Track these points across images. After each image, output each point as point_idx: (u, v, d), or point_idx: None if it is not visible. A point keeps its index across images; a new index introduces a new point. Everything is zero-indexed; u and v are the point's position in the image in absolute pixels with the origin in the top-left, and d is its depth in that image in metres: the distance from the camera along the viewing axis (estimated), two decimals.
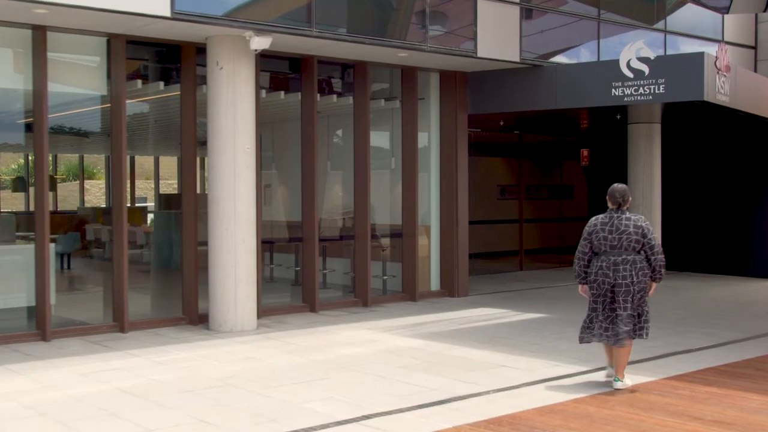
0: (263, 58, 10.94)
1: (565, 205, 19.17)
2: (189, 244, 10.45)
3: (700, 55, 11.28)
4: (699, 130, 16.15)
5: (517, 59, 12.11)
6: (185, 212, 10.52)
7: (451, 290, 13.07)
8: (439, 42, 11.24)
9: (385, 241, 13.33)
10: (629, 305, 7.03)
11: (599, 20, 13.24)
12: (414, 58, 11.67)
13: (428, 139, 13.23)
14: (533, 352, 8.77)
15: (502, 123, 15.03)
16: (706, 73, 11.21)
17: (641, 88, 11.50)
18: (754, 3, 15.62)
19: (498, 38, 11.90)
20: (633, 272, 6.99)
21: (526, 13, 12.28)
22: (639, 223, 7.05)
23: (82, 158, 25.58)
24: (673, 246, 15.92)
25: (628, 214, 7.10)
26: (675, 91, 11.32)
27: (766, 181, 15.89)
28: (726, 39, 15.27)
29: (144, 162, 25.44)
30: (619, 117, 13.72)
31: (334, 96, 12.56)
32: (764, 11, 15.78)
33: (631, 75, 11.55)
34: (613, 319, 7.10)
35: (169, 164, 23.69)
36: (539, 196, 18.67)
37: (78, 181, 27.27)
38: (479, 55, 11.63)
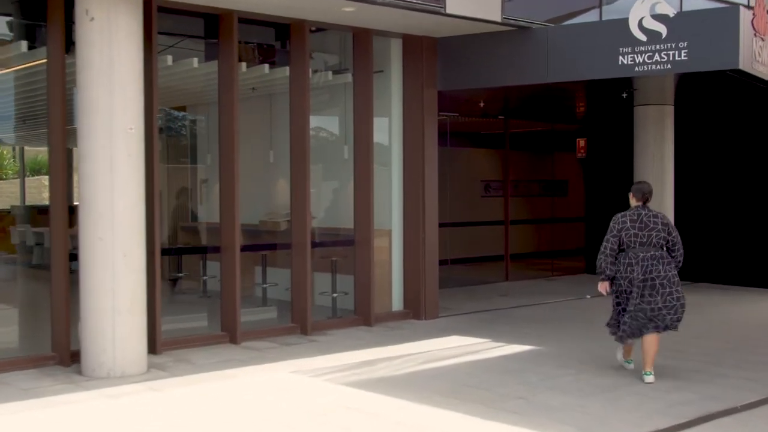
0: (166, 13, 8.35)
1: (558, 204, 16.60)
2: (58, 260, 7.81)
3: (734, 11, 8.68)
4: (717, 113, 13.57)
5: (498, 19, 9.49)
6: (53, 219, 7.85)
7: (417, 311, 10.47)
8: None
9: (335, 250, 10.73)
10: (659, 298, 7.17)
11: None
12: (365, 14, 9.05)
13: (389, 122, 10.62)
14: (514, 414, 6.18)
15: (482, 104, 12.41)
16: (742, 34, 8.63)
17: (657, 55, 8.91)
18: None
19: None
20: (662, 266, 7.16)
21: None
22: (665, 221, 7.32)
23: (22, 150, 23.02)
24: (686, 252, 13.34)
25: (654, 211, 7.38)
26: (701, 58, 8.73)
27: None
28: None
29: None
30: (625, 95, 11.11)
31: (266, 66, 9.94)
32: None
33: (643, 38, 8.96)
34: (638, 312, 7.18)
35: None
36: (528, 192, 16.12)
37: (39, 177, 24.72)
38: (449, 11, 9.00)
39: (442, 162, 11.61)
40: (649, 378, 7.19)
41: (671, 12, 8.86)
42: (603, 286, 7.33)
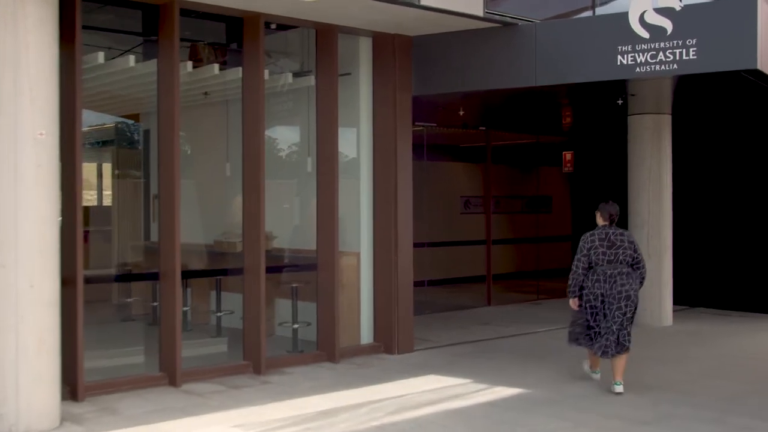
0: (95, 2, 7.17)
1: (542, 221, 15.50)
2: None
3: (750, 2, 7.57)
4: (718, 123, 12.49)
5: (480, 13, 8.34)
6: None
7: (389, 344, 9.25)
8: None
9: (296, 275, 9.52)
10: (628, 315, 7.41)
11: None
12: (328, 7, 7.86)
13: (357, 131, 9.43)
14: None
15: (462, 113, 11.24)
16: (760, 29, 7.52)
17: (661, 54, 7.78)
18: None
19: None
20: (629, 284, 7.39)
21: None
22: (631, 239, 7.60)
23: None
24: (684, 275, 12.24)
25: (620, 230, 7.62)
26: (712, 57, 7.61)
27: None
28: None
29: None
30: (621, 102, 9.97)
31: (215, 67, 8.73)
32: None
33: (646, 35, 7.84)
34: (609, 329, 7.37)
35: (88, 171, 19.96)
36: (511, 209, 15.01)
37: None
38: (424, 2, 7.83)
39: (418, 176, 10.55)
40: (619, 388, 7.38)
41: (677, 5, 7.74)
42: (574, 303, 7.61)
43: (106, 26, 8.41)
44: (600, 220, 7.67)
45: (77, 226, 6.95)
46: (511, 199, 15.08)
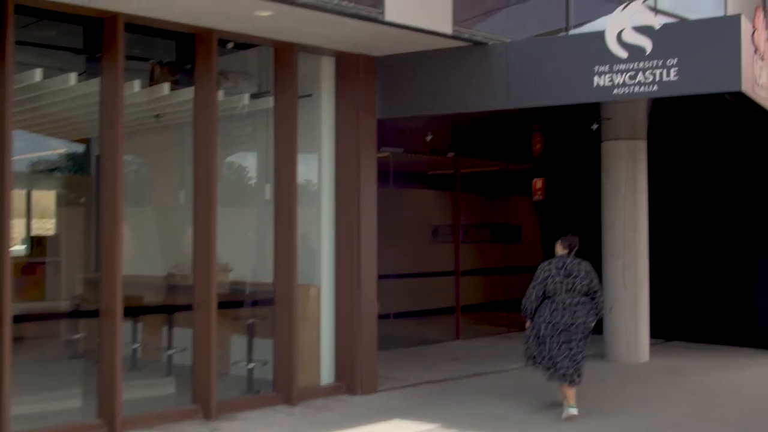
0: (30, 15, 6.58)
1: (513, 251, 15.00)
2: None
3: (734, 21, 7.16)
4: (695, 149, 12.09)
5: (448, 31, 7.84)
6: None
7: (351, 384, 8.64)
8: None
9: (253, 310, 8.90)
10: (582, 343, 7.54)
11: None
12: (285, 22, 7.32)
13: (318, 157, 8.87)
14: None
15: (429, 138, 10.73)
16: (743, 50, 7.11)
17: (640, 75, 7.34)
18: None
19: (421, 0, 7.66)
20: (585, 314, 7.51)
21: None
22: (588, 269, 7.66)
23: None
24: (659, 307, 11.74)
25: (578, 260, 7.69)
26: (694, 78, 7.18)
27: None
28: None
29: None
30: (596, 127, 9.51)
31: (165, 86, 8.14)
32: None
33: (624, 54, 7.40)
34: (566, 358, 7.45)
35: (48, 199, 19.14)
36: (481, 238, 14.50)
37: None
38: (388, 18, 7.30)
39: (385, 204, 10.07)
40: (574, 410, 7.48)
41: (657, 23, 7.32)
42: (528, 324, 7.81)
43: (47, 42, 7.79)
44: (559, 250, 7.79)
45: (4, 259, 6.29)
46: (481, 228, 14.60)
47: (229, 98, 8.57)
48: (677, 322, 12.50)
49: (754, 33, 7.42)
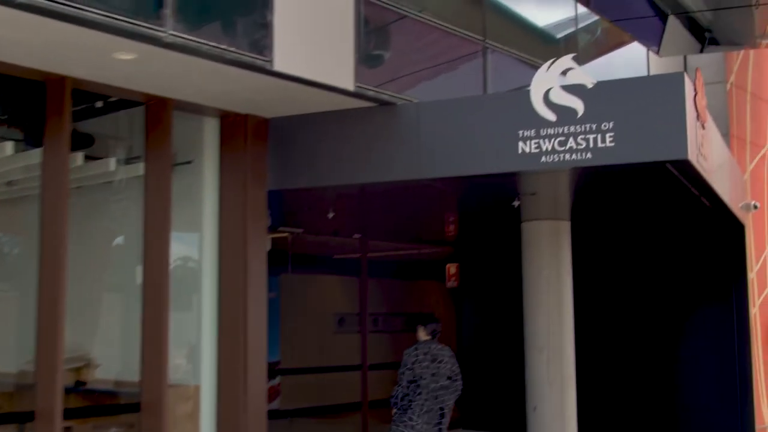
0: None
1: None
2: None
3: (677, 79, 6.26)
4: (623, 230, 11.26)
5: (350, 87, 6.72)
6: None
7: None
8: (195, 31, 5.64)
9: (114, 418, 7.42)
10: (445, 426, 7.85)
11: (484, 43, 8.12)
12: (154, 70, 6.08)
13: (199, 234, 7.56)
14: None
15: (332, 215, 9.54)
16: (688, 114, 6.20)
17: (572, 140, 6.35)
18: (686, 44, 11.05)
19: (317, 48, 6.52)
20: (449, 397, 7.87)
21: (368, 13, 6.97)
22: (450, 353, 8.06)
23: None
24: (585, 406, 10.63)
25: (441, 345, 8.06)
26: (633, 144, 6.23)
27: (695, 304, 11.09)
28: None
29: None
30: (517, 204, 8.47)
31: (8, 145, 6.75)
32: (701, 52, 11.24)
33: (552, 117, 6.42)
34: None
35: None
36: (391, 328, 13.34)
37: None
38: (278, 68, 6.12)
39: (283, 291, 8.84)
40: None
41: (589, 81, 6.37)
42: (394, 411, 7.92)
43: None
44: (422, 335, 8.04)
45: None
46: (391, 317, 13.44)
47: (91, 163, 7.23)
48: (605, 421, 11.41)
49: (696, 96, 6.54)
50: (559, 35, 9.70)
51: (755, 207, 11.37)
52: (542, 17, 9.71)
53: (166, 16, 5.36)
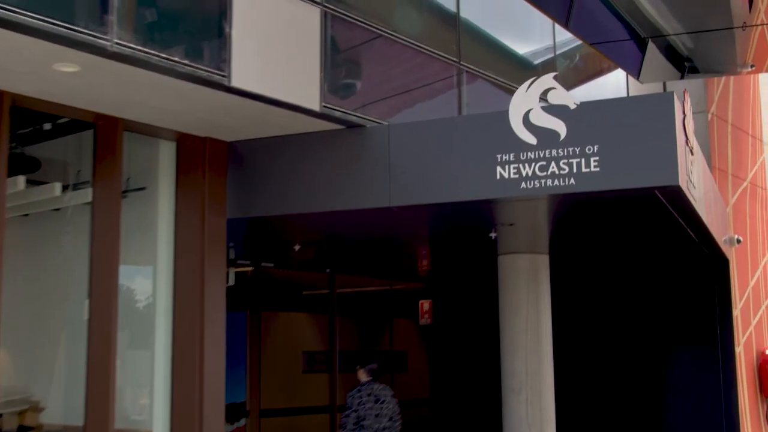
0: None
1: (397, 381, 13.24)
2: None
3: (667, 98, 5.84)
4: (593, 262, 10.84)
5: (316, 108, 6.24)
6: None
7: None
8: (143, 41, 5.14)
9: None
10: None
11: (460, 65, 7.69)
12: (102, 84, 5.56)
13: (153, 267, 7.00)
14: None
15: (298, 247, 9.00)
16: (678, 136, 5.78)
17: (554, 165, 5.91)
18: (667, 70, 10.72)
19: (280, 64, 6.04)
20: None
21: (336, 30, 6.52)
22: (392, 393, 8.35)
23: None
24: None
25: (382, 385, 8.40)
26: (620, 169, 5.79)
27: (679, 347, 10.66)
28: None
29: None
30: (494, 235, 7.99)
31: None
32: (681, 78, 10.90)
33: (532, 140, 5.98)
34: None
35: None
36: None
37: None
38: (236, 84, 5.63)
39: (251, 328, 8.34)
40: None
41: (572, 102, 5.94)
42: None
43: None
44: (363, 377, 8.31)
45: None
46: (361, 355, 12.87)
47: (34, 188, 6.67)
48: None
49: (684, 118, 6.13)
50: (537, 61, 9.32)
51: (738, 241, 11.02)
52: (520, 47, 9.37)
53: (111, 24, 4.86)
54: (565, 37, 9.77)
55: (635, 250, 10.06)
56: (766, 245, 12.29)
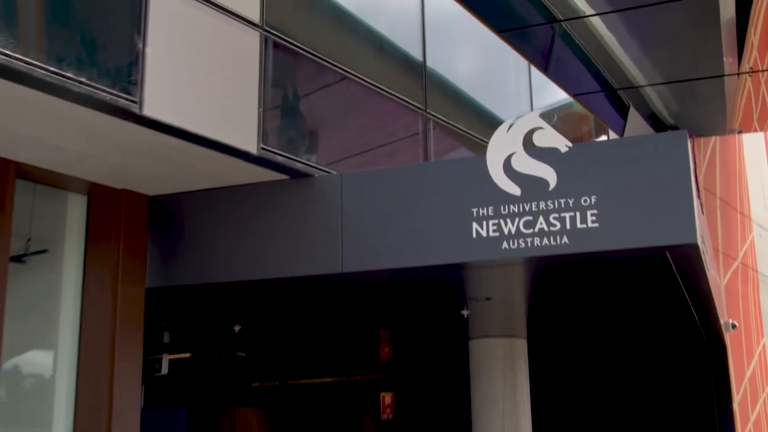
0: None
1: None
2: None
3: (680, 138, 4.82)
4: (576, 345, 9.73)
5: (253, 150, 5.12)
6: None
7: None
8: (30, 52, 4.02)
9: None
10: None
11: (426, 113, 6.67)
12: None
13: (53, 349, 5.73)
14: None
15: (237, 329, 7.74)
16: (693, 185, 4.74)
17: (541, 221, 4.81)
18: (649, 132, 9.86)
19: (207, 93, 4.94)
20: None
21: (279, 59, 5.47)
22: None
23: None
24: None
25: None
26: (623, 225, 4.71)
27: None
28: None
29: None
30: (467, 313, 6.81)
31: None
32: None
33: (515, 190, 4.91)
34: None
35: None
36: None
37: None
38: (148, 112, 4.50)
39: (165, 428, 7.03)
40: None
41: (563, 144, 4.90)
42: None
43: None
44: None
45: None
46: None
47: None
48: None
49: (695, 169, 5.12)
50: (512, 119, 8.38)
51: (734, 326, 9.99)
52: (496, 109, 8.49)
53: None
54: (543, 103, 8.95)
55: (625, 335, 9.00)
56: (761, 332, 11.29)
